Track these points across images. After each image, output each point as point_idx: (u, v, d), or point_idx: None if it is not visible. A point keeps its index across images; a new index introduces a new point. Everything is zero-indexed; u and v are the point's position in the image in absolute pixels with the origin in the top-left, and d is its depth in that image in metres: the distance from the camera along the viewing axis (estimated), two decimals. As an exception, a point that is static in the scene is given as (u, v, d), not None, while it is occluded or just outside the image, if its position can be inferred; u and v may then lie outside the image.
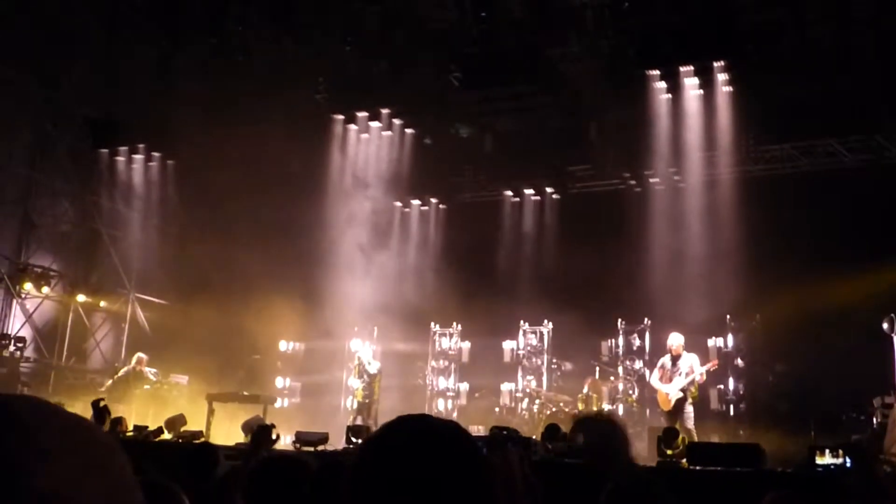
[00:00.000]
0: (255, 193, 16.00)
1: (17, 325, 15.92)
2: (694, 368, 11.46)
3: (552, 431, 9.42)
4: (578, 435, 3.56)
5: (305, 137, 16.30)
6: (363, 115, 16.72)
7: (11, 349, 14.33)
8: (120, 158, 17.50)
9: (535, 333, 15.36)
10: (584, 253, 14.88)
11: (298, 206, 16.00)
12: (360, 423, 13.57)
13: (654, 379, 11.93)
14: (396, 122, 16.78)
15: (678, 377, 11.44)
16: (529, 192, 17.36)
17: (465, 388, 15.87)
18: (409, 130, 16.90)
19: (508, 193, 17.54)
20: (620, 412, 14.02)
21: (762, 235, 13.14)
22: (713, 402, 13.23)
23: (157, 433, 10.85)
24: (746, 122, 14.48)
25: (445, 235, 17.85)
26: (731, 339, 13.52)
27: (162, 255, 17.71)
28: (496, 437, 8.58)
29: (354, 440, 10.27)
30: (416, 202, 18.30)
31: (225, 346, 16.51)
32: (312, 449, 9.76)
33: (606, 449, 3.31)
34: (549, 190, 17.20)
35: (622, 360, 14.41)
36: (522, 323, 15.36)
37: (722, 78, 13.75)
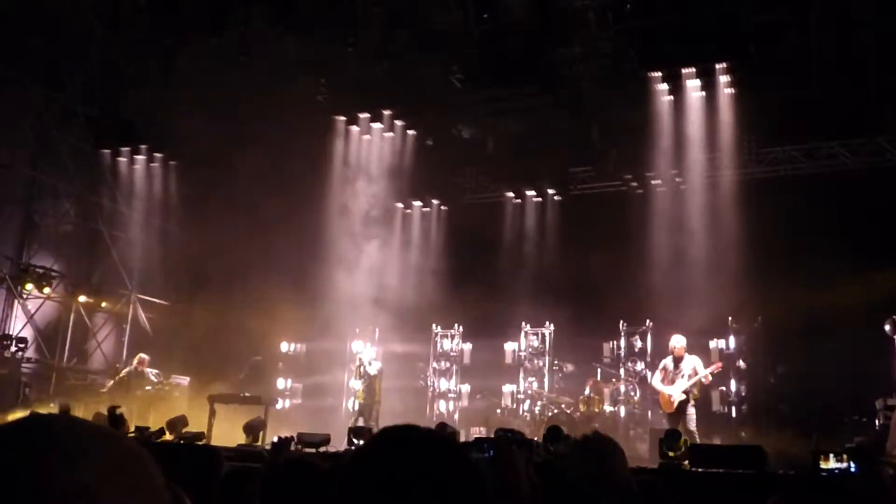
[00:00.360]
0: (256, 194, 16.00)
1: (18, 325, 15.92)
2: (697, 370, 11.45)
3: (553, 433, 9.41)
4: (577, 454, 3.54)
5: (307, 138, 16.31)
6: (365, 116, 16.72)
7: (13, 350, 14.33)
8: (122, 159, 17.51)
9: (536, 335, 15.36)
10: (585, 254, 14.87)
11: (300, 207, 15.99)
12: (361, 424, 13.57)
13: (655, 380, 11.93)
14: (398, 123, 16.77)
15: (680, 379, 11.43)
16: (531, 193, 17.36)
17: (466, 389, 15.87)
18: (410, 131, 16.89)
19: (510, 195, 17.52)
20: (622, 414, 14.03)
21: (764, 237, 13.12)
22: (715, 403, 13.22)
23: (158, 434, 10.85)
24: (748, 123, 14.48)
25: (447, 237, 17.85)
26: (732, 340, 13.50)
27: (163, 255, 17.72)
28: (501, 439, 8.57)
29: (356, 442, 10.27)
30: (417, 203, 18.30)
31: (226, 347, 16.50)
32: (314, 450, 9.76)
33: (603, 472, 3.29)
34: (550, 191, 17.19)
35: (624, 361, 14.41)
36: (524, 324, 15.35)
37: (724, 80, 13.74)
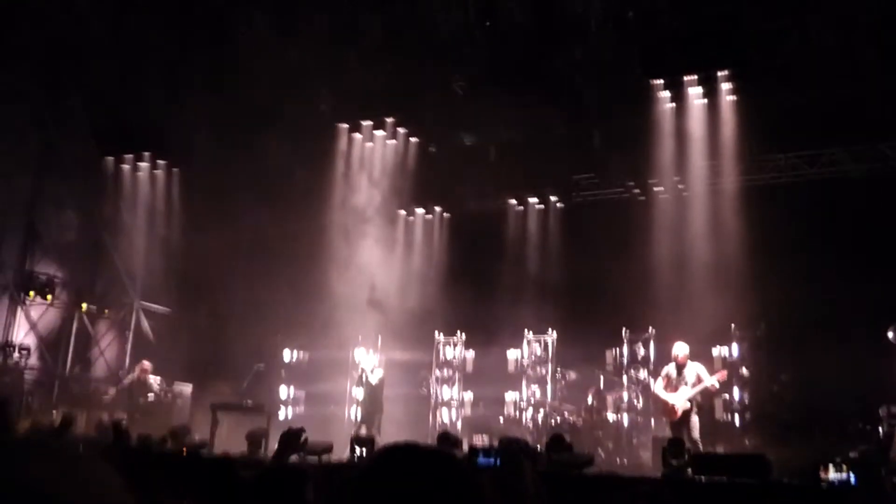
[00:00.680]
0: (259, 202, 16.02)
1: (21, 333, 15.94)
2: (701, 378, 11.40)
3: (556, 442, 9.40)
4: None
5: (310, 147, 16.35)
6: (367, 123, 16.78)
7: (16, 357, 14.34)
8: (125, 167, 17.56)
9: (539, 343, 15.32)
10: (588, 262, 14.87)
11: (303, 214, 16.02)
12: (364, 432, 13.55)
13: (658, 388, 11.87)
14: (401, 130, 16.83)
15: (684, 387, 11.39)
16: (534, 200, 17.36)
17: (468, 397, 15.84)
18: (413, 139, 16.93)
19: (513, 202, 17.53)
20: (625, 422, 13.99)
21: (766, 244, 13.09)
22: (718, 411, 13.17)
23: (161, 443, 10.83)
24: (750, 130, 14.45)
25: (449, 244, 17.85)
26: (735, 348, 13.45)
27: (166, 263, 17.72)
28: (508, 448, 8.53)
29: (359, 450, 10.26)
30: (420, 210, 18.31)
31: (229, 355, 16.50)
32: (317, 458, 9.74)
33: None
34: (553, 198, 17.20)
35: (627, 369, 14.36)
36: (527, 332, 15.32)
37: (726, 87, 13.77)
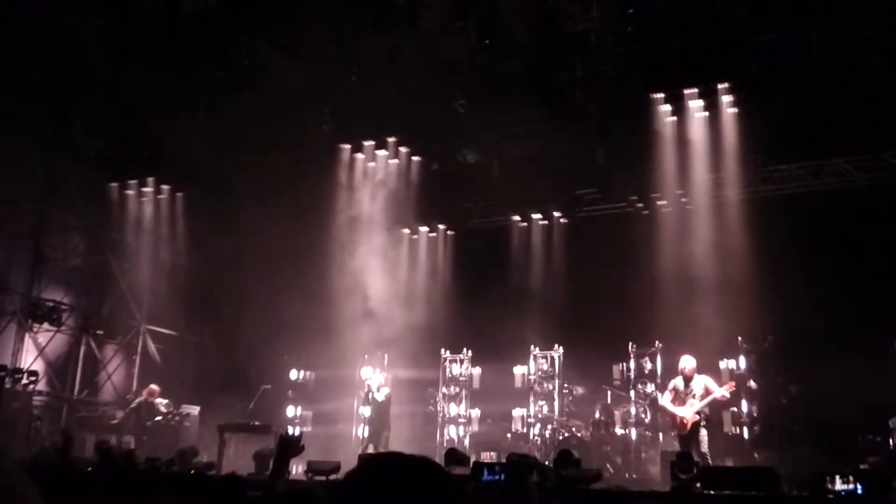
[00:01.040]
0: (263, 224, 16.07)
1: (29, 359, 15.97)
2: (710, 390, 11.35)
3: (564, 457, 9.36)
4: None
5: (313, 167, 16.41)
6: (370, 143, 16.85)
7: (24, 383, 14.35)
8: (130, 192, 17.66)
9: (546, 358, 15.29)
10: (593, 277, 14.87)
11: (307, 235, 16.05)
12: (371, 451, 13.52)
13: (665, 401, 11.82)
14: (403, 149, 16.88)
15: (692, 399, 11.35)
16: (537, 216, 17.38)
17: (476, 414, 15.80)
18: (415, 157, 16.99)
19: (516, 218, 17.55)
20: (633, 436, 13.92)
21: (772, 256, 13.07)
22: (727, 424, 13.11)
23: (168, 465, 10.83)
24: (753, 142, 14.49)
25: (454, 261, 17.87)
26: (743, 360, 13.40)
27: (172, 286, 17.77)
28: (513, 465, 8.48)
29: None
30: (424, 229, 18.34)
31: (235, 376, 16.52)
32: (324, 478, 9.73)
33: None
34: (556, 214, 17.21)
35: (634, 383, 14.31)
36: (533, 348, 15.30)
37: (727, 99, 13.81)
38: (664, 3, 12.84)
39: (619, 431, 14.05)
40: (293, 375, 17.04)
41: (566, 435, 14.16)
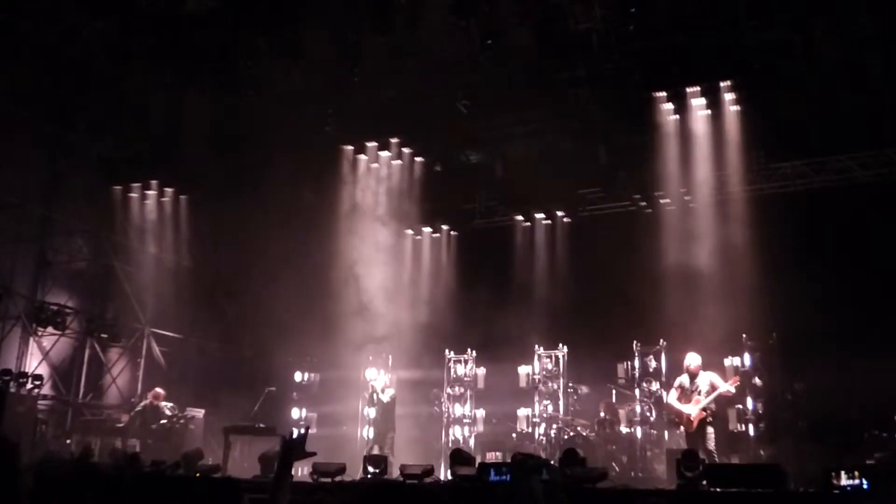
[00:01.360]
0: (267, 226, 16.08)
1: (34, 362, 15.98)
2: (716, 385, 11.37)
3: (570, 456, 9.35)
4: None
5: (316, 169, 16.43)
6: (372, 144, 16.88)
7: (29, 387, 14.35)
8: (133, 195, 17.68)
9: (550, 358, 15.27)
10: (597, 275, 14.88)
11: (311, 237, 16.07)
12: (376, 452, 13.51)
13: (671, 399, 11.82)
14: (406, 150, 16.90)
15: (697, 396, 11.34)
16: (540, 216, 17.39)
17: (481, 414, 15.78)
18: (418, 158, 17.01)
19: (520, 218, 17.56)
20: (639, 435, 13.91)
21: (776, 253, 13.07)
22: (732, 422, 13.09)
23: (174, 468, 10.83)
24: (756, 140, 14.50)
25: (457, 262, 17.88)
26: (748, 357, 13.37)
27: (176, 289, 17.78)
28: (519, 465, 8.48)
29: (372, 470, 10.22)
30: (427, 229, 18.35)
31: (240, 378, 16.52)
32: (330, 480, 9.72)
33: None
34: (560, 213, 17.22)
35: (639, 382, 14.29)
36: (537, 347, 15.28)
37: (729, 97, 13.82)
38: (666, 1, 12.84)
39: (624, 430, 14.04)
40: (298, 377, 17.05)
41: (571, 434, 14.16)
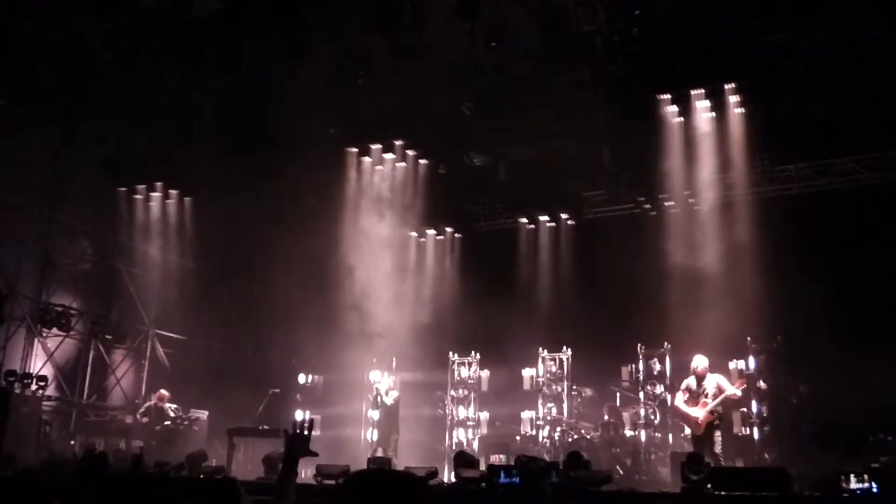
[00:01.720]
0: (271, 228, 16.10)
1: (38, 363, 16.01)
2: (723, 388, 11.32)
3: (574, 459, 9.34)
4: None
5: (320, 171, 16.44)
6: (377, 147, 16.89)
7: (34, 388, 14.38)
8: (138, 196, 17.71)
9: (554, 360, 15.25)
10: (601, 278, 14.87)
11: (315, 239, 16.07)
12: (380, 454, 13.51)
13: (679, 401, 11.76)
14: (410, 153, 16.92)
15: (705, 399, 11.30)
16: (545, 218, 17.38)
17: (485, 416, 15.77)
18: (422, 161, 17.02)
19: (524, 221, 17.56)
20: (643, 438, 13.88)
21: (780, 255, 13.04)
22: (737, 425, 13.06)
23: (177, 469, 10.83)
24: (760, 142, 14.48)
25: (461, 264, 17.87)
26: (752, 361, 13.36)
27: (180, 290, 17.80)
28: (528, 467, 8.46)
29: (375, 472, 10.18)
30: (431, 232, 18.35)
31: (244, 380, 16.52)
32: (333, 482, 9.71)
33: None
34: (564, 216, 17.20)
35: (643, 385, 14.26)
36: (541, 350, 15.26)
37: (733, 99, 13.82)
38: (670, 3, 12.83)
39: (628, 433, 14.01)
40: (301, 379, 17.06)
41: (575, 437, 14.13)
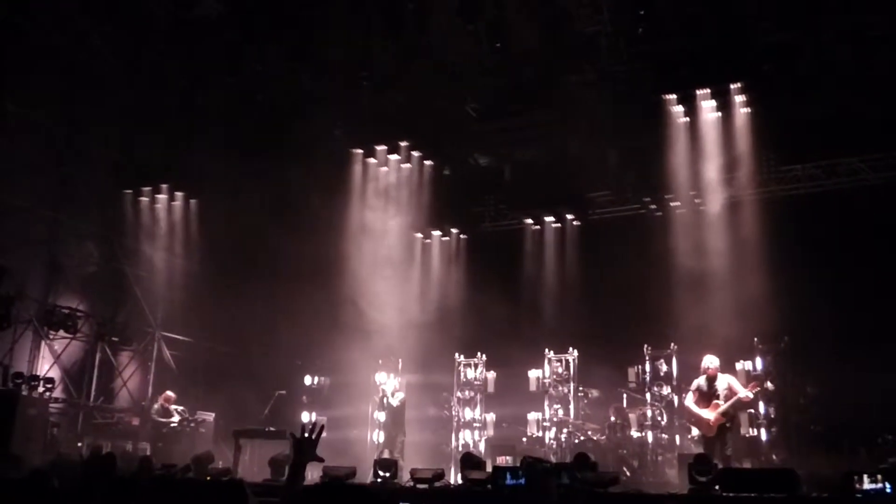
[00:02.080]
0: (276, 229, 16.11)
1: (45, 366, 16.03)
2: (735, 390, 11.25)
3: (581, 461, 9.32)
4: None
5: (325, 173, 16.45)
6: (382, 148, 16.89)
7: (40, 390, 14.41)
8: (144, 199, 17.74)
9: (560, 361, 15.22)
10: (607, 279, 14.83)
11: (320, 240, 16.08)
12: (386, 456, 13.49)
13: (689, 402, 11.64)
14: (415, 154, 16.91)
15: (717, 400, 11.24)
16: (550, 219, 17.34)
17: (491, 418, 15.74)
18: (427, 162, 17.01)
19: (529, 221, 17.53)
20: (650, 439, 13.85)
21: (787, 256, 13.00)
22: (744, 426, 13.01)
23: (184, 471, 10.83)
24: (766, 142, 14.45)
25: (467, 265, 17.86)
26: (759, 361, 13.31)
27: (186, 293, 17.82)
28: (534, 468, 8.42)
29: (382, 474, 10.20)
30: (436, 233, 18.34)
31: (250, 381, 16.52)
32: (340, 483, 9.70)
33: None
34: (569, 217, 17.17)
35: (650, 386, 14.23)
36: (547, 351, 15.23)
37: (739, 99, 13.77)
38: (674, 3, 12.81)
39: (635, 434, 13.97)
40: (308, 381, 17.05)
41: (582, 438, 14.11)
